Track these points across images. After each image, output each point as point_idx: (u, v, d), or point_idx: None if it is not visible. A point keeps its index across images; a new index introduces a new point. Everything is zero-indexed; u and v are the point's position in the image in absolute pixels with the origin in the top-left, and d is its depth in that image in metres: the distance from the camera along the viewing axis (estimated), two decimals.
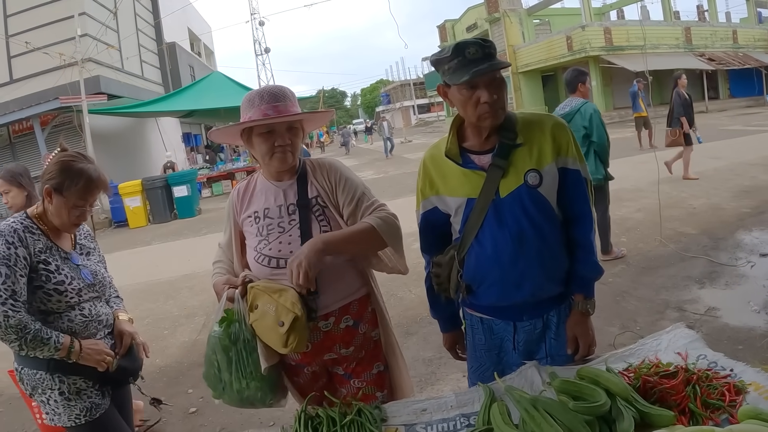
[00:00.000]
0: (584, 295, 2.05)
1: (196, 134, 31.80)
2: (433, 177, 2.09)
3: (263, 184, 2.24)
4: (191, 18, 33.09)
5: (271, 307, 1.95)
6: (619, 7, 39.09)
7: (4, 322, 1.98)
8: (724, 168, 10.69)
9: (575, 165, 1.99)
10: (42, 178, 2.23)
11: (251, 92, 2.15)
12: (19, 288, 2.04)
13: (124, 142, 19.12)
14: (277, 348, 1.98)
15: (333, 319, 2.14)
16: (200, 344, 5.38)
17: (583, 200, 2.02)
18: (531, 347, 2.09)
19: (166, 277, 8.17)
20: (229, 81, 20.48)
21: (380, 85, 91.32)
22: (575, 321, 2.05)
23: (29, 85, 16.77)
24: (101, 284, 2.40)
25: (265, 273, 2.09)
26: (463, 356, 2.36)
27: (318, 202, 2.16)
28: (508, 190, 1.93)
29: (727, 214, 7.45)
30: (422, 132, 42.09)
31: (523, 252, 1.93)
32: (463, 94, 1.89)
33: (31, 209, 2.28)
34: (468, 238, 2.01)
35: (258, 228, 2.15)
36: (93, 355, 2.20)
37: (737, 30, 34.02)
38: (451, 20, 45.57)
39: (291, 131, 2.12)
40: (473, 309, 2.18)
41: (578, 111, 5.60)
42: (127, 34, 21.04)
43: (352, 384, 2.24)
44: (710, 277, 5.26)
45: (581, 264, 2.03)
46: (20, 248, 2.09)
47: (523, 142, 1.94)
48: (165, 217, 15.13)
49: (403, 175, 17.47)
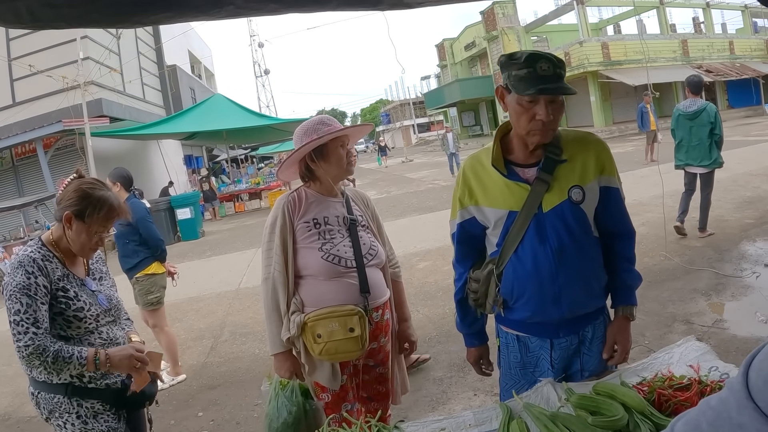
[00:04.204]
0: (629, 303, 2.08)
1: (198, 156, 31.91)
2: (472, 187, 2.08)
3: (316, 197, 2.54)
4: (192, 41, 33.39)
5: (335, 324, 2.28)
6: (615, 21, 39.42)
7: (26, 351, 2.02)
8: (726, 179, 10.70)
9: (616, 183, 2.04)
10: (60, 203, 2.26)
11: (305, 123, 2.53)
12: (40, 316, 2.07)
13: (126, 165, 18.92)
14: (355, 353, 2.34)
15: (381, 311, 2.51)
16: (209, 367, 5.39)
17: (625, 217, 2.08)
18: (566, 363, 2.10)
19: (172, 299, 8.12)
20: (230, 103, 20.60)
21: (380, 104, 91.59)
22: (618, 327, 2.08)
23: (32, 108, 16.83)
24: (116, 308, 2.45)
25: (333, 269, 2.38)
26: (487, 371, 2.37)
27: (361, 221, 2.57)
28: (551, 205, 1.94)
29: (731, 226, 7.48)
30: (423, 151, 42.15)
31: (562, 268, 1.94)
32: (522, 105, 1.89)
33: (46, 236, 2.31)
34: (507, 252, 2.01)
35: (320, 232, 2.45)
36: (123, 360, 2.22)
37: (734, 41, 34.32)
38: (450, 39, 45.97)
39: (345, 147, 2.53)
40: (509, 326, 2.17)
41: (704, 110, 6.83)
42: (128, 58, 21.21)
43: (377, 371, 2.59)
44: (716, 289, 5.27)
45: (627, 274, 2.07)
46: (40, 277, 2.12)
47: (568, 158, 1.97)
48: (168, 239, 15.03)
49: (406, 194, 17.49)
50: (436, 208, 13.38)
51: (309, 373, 2.42)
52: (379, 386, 2.62)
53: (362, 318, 2.31)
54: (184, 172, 26.79)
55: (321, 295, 2.37)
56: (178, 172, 24.05)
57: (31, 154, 16.86)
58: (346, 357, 2.38)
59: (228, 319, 6.92)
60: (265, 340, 5.77)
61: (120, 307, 2.50)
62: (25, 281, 2.09)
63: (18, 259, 2.15)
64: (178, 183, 22.77)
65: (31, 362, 2.05)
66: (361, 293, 2.39)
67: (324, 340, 2.29)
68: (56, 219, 2.30)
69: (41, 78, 15.91)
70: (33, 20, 2.50)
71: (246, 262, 10.37)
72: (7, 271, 2.16)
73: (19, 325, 2.04)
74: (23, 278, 2.09)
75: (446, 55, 46.52)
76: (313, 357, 2.37)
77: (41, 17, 2.49)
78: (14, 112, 17.01)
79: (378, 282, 2.50)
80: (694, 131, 6.94)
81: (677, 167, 7.31)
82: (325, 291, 2.37)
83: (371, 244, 2.53)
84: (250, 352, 5.65)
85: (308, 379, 2.44)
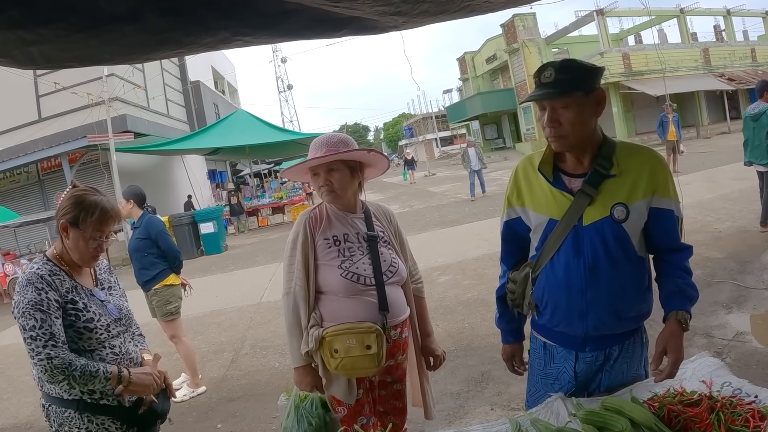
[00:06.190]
0: (684, 308, 1.97)
1: (221, 171, 32.30)
2: (521, 188, 2.08)
3: (336, 213, 2.54)
4: (215, 57, 33.88)
5: (352, 340, 2.29)
6: (636, 32, 39.16)
7: (49, 364, 2.00)
8: (749, 189, 10.52)
9: (671, 205, 1.96)
10: (56, 215, 2.26)
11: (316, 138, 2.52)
12: (56, 330, 2.07)
13: (150, 180, 19.40)
14: (371, 369, 2.34)
15: (399, 329, 2.51)
16: (229, 380, 5.46)
17: (678, 237, 2.02)
18: (588, 378, 2.07)
19: (194, 312, 8.27)
20: (253, 118, 20.87)
21: (402, 118, 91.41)
22: (671, 331, 1.91)
23: (57, 124, 17.22)
24: (127, 318, 2.43)
25: (352, 287, 2.39)
26: (519, 370, 2.37)
27: (382, 237, 2.56)
28: (591, 219, 1.92)
29: (754, 237, 7.35)
30: (446, 165, 42.01)
31: (593, 283, 1.92)
32: (539, 113, 1.92)
33: (50, 251, 2.31)
34: (543, 258, 2.01)
35: (339, 250, 2.44)
36: (144, 379, 2.24)
37: (755, 48, 33.93)
38: (471, 52, 45.99)
39: (330, 173, 2.44)
40: (539, 332, 2.18)
41: (765, 112, 7.21)
42: (152, 74, 21.61)
43: (394, 387, 2.62)
44: (737, 302, 5.19)
45: (682, 281, 2.00)
46: (51, 292, 2.12)
47: (618, 173, 1.91)
48: (192, 253, 15.24)
49: (428, 208, 17.45)
50: (457, 222, 13.38)
51: (326, 387, 2.44)
52: (396, 402, 2.64)
53: (380, 336, 2.31)
54: (207, 186, 27.12)
55: (340, 311, 2.39)
56: (201, 187, 24.36)
57: (56, 169, 17.31)
58: (361, 373, 2.39)
59: (249, 333, 6.98)
60: (285, 354, 5.82)
61: (131, 317, 2.48)
62: (36, 297, 2.09)
63: (26, 277, 2.15)
64: (202, 197, 23.04)
65: (54, 377, 2.03)
66: (379, 311, 2.40)
67: (341, 355, 2.31)
68: (55, 231, 2.31)
69: (66, 94, 16.27)
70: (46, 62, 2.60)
71: (268, 276, 10.45)
72: (17, 290, 2.16)
73: (35, 341, 2.03)
74: (34, 294, 2.09)
75: (468, 68, 46.54)
76: (330, 371, 2.40)
77: (54, 59, 2.58)
78: (40, 127, 17.43)
79: (397, 300, 2.50)
80: (757, 132, 7.43)
81: (746, 164, 7.86)
82: (343, 308, 2.39)
83: (392, 260, 2.52)
84: (270, 365, 5.70)
85: (326, 392, 2.47)
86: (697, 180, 9.88)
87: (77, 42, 2.32)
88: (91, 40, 2.32)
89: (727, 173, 11.26)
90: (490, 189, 18.09)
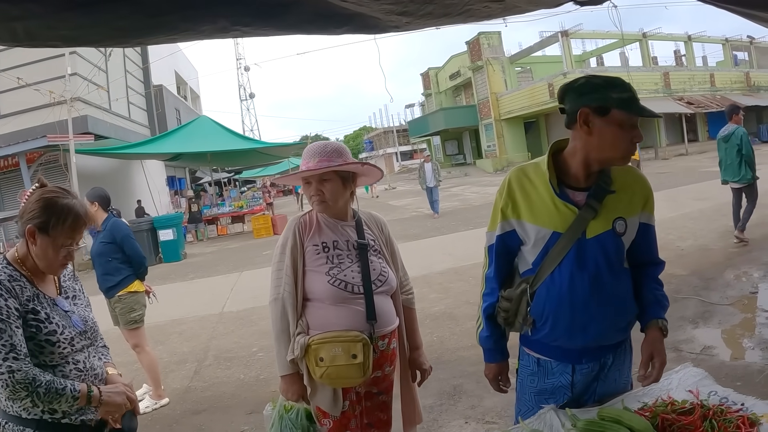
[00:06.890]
0: (662, 317, 2.05)
1: (180, 178, 31.79)
2: (517, 200, 2.03)
3: (327, 220, 2.50)
4: (179, 62, 33.50)
5: (338, 349, 2.24)
6: (599, 54, 40.25)
7: (11, 379, 1.80)
8: (709, 209, 10.88)
9: (653, 221, 2.10)
10: (22, 217, 2.03)
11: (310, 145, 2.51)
12: (17, 341, 1.85)
13: (109, 184, 18.83)
14: (356, 379, 2.30)
15: (387, 340, 2.47)
16: (193, 391, 5.29)
17: (656, 249, 2.14)
18: (583, 388, 2.07)
19: (155, 321, 8.00)
20: (215, 125, 20.67)
21: (363, 131, 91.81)
22: (655, 337, 2.01)
23: (17, 122, 16.66)
24: (92, 330, 2.19)
25: (339, 294, 2.35)
26: (504, 388, 2.30)
27: (373, 245, 2.53)
28: (594, 232, 1.94)
29: (715, 254, 7.58)
30: (406, 179, 42.24)
31: (595, 296, 1.93)
32: (624, 127, 1.87)
33: (10, 253, 2.08)
34: (543, 272, 1.98)
35: (328, 257, 2.41)
36: (114, 397, 2.04)
37: (714, 73, 35.20)
38: (435, 68, 46.55)
39: (322, 183, 2.42)
40: (532, 348, 2.14)
41: (733, 133, 7.98)
42: (116, 76, 21.19)
43: (380, 398, 2.56)
44: (703, 317, 5.31)
45: (658, 292, 2.08)
46: (10, 299, 1.89)
47: (617, 189, 1.98)
48: (150, 260, 14.82)
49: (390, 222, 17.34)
50: (420, 236, 13.40)
51: (310, 396, 2.38)
52: (381, 414, 2.58)
53: (366, 345, 2.27)
54: (166, 192, 26.68)
55: (326, 319, 2.33)
56: (160, 193, 23.95)
57: (13, 168, 16.64)
58: (347, 383, 2.34)
59: (212, 343, 6.81)
60: (250, 366, 5.71)
61: (96, 330, 2.22)
62: None
63: None
64: (160, 204, 22.61)
65: (16, 393, 1.83)
66: (367, 320, 2.35)
67: (326, 364, 2.26)
68: (20, 234, 2.07)
69: (28, 91, 15.72)
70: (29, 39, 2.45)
71: (229, 285, 10.27)
72: None
73: None
74: None
75: (431, 83, 47.09)
76: (315, 380, 2.34)
77: (38, 36, 2.45)
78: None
79: (386, 310, 2.46)
80: (728, 152, 8.10)
81: (723, 183, 8.47)
82: (330, 316, 2.33)
83: (382, 269, 2.47)
84: (235, 377, 5.55)
85: (311, 403, 2.40)
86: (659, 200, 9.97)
87: (66, 20, 2.21)
88: (82, 19, 2.21)
89: (687, 193, 11.62)
90: (452, 204, 18.23)
